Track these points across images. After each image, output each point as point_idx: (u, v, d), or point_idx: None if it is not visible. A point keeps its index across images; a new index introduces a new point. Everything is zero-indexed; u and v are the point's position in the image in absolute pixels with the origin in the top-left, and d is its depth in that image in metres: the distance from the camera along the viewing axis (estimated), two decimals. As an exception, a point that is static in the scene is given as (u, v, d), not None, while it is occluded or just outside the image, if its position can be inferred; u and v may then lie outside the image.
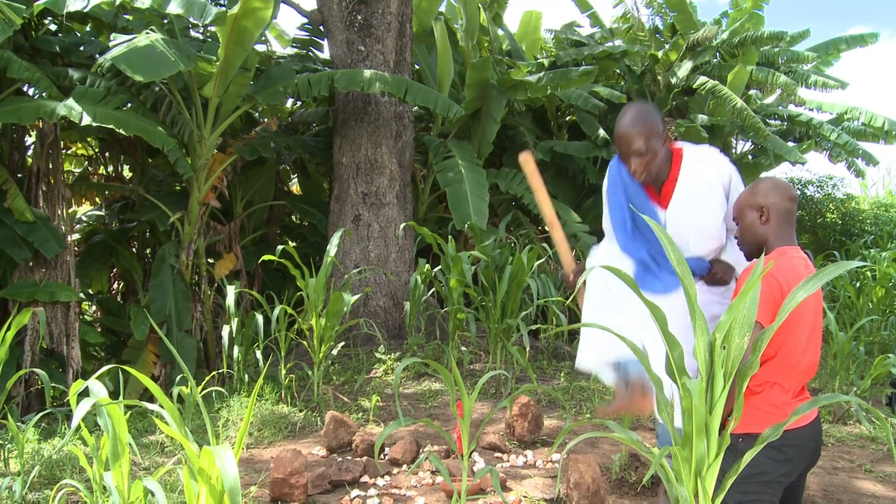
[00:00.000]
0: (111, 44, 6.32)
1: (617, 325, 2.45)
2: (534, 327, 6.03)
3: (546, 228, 8.09)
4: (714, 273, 2.64)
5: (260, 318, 5.27)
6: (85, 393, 2.56)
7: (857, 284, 7.42)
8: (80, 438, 4.01)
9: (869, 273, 7.68)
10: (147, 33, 6.14)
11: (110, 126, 6.02)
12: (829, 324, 5.39)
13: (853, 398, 1.78)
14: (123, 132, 6.19)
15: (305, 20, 8.61)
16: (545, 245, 6.48)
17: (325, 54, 9.02)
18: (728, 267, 2.66)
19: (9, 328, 3.97)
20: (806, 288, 1.72)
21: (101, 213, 8.68)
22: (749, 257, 2.33)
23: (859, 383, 5.23)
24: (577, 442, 2.01)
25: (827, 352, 5.85)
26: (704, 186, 2.62)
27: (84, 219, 8.83)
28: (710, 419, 1.73)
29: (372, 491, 3.51)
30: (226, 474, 1.90)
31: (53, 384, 5.36)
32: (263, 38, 8.76)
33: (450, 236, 5.91)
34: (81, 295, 7.22)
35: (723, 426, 1.81)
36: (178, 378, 4.97)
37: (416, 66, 9.08)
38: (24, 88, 6.67)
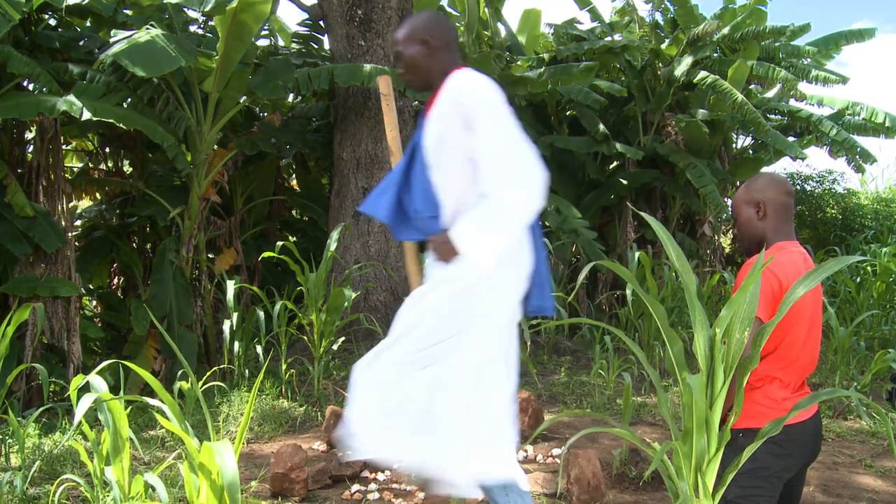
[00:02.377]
0: (112, 40, 6.31)
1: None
2: (534, 322, 6.03)
3: (546, 222, 8.09)
4: (433, 240, 2.27)
5: (261, 313, 5.28)
6: (86, 388, 2.57)
7: (858, 279, 7.43)
8: (81, 433, 4.02)
9: (869, 268, 7.68)
10: (147, 29, 6.13)
11: (111, 121, 6.02)
12: (830, 319, 5.39)
13: (853, 393, 1.79)
14: (125, 127, 6.17)
15: (306, 15, 8.60)
16: (545, 240, 6.47)
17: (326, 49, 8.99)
18: (448, 246, 2.20)
19: (9, 323, 3.98)
20: (805, 283, 1.72)
21: (102, 208, 8.67)
22: (748, 253, 2.33)
23: (859, 378, 5.23)
24: (577, 437, 2.01)
25: (827, 347, 5.85)
26: (445, 109, 2.29)
27: (84, 214, 8.82)
28: (710, 414, 1.73)
29: (372, 486, 3.52)
30: (225, 470, 1.91)
31: (54, 379, 5.37)
32: (267, 32, 8.74)
33: (450, 231, 5.89)
34: (82, 290, 7.20)
35: (723, 421, 1.81)
36: (179, 373, 4.97)
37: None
38: (24, 83, 6.66)
